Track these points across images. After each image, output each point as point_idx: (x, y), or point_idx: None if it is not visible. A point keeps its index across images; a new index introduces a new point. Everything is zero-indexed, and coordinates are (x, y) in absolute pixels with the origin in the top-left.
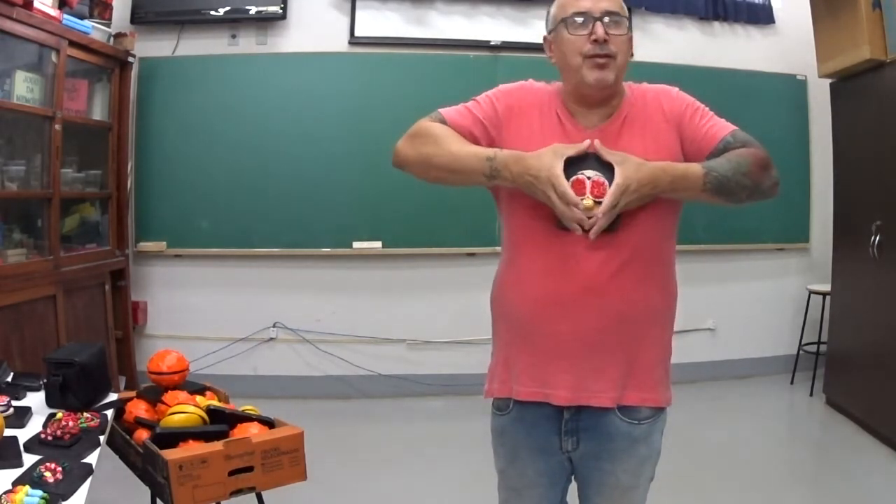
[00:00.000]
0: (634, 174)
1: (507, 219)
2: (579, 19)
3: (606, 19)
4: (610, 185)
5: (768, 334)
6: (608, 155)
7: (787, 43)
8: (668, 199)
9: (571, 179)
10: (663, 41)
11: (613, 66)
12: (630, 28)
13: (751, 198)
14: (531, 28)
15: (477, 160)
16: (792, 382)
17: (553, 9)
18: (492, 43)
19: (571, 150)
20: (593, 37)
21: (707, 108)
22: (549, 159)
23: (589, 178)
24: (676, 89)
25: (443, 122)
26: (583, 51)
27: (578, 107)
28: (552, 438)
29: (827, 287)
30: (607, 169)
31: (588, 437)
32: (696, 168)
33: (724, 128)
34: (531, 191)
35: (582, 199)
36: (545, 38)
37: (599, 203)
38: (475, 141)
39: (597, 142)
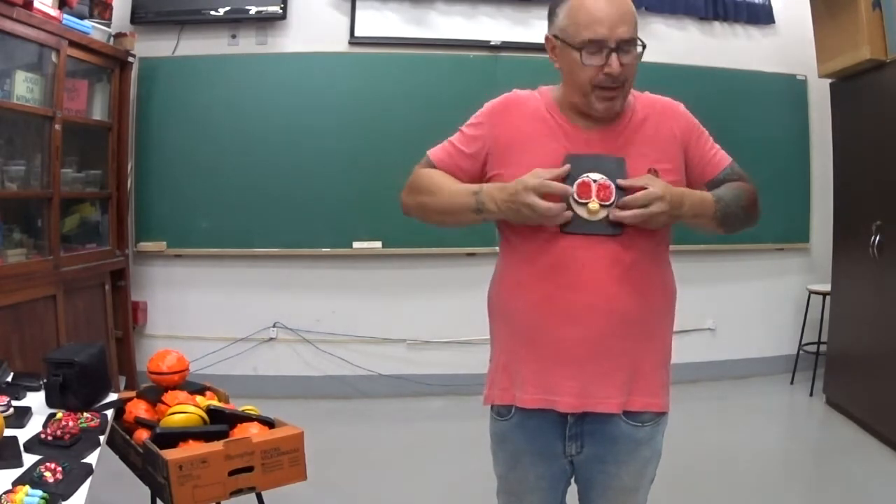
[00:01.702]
0: (667, 190)
1: (506, 224)
2: (594, 48)
3: (620, 50)
4: (616, 188)
5: (768, 334)
6: (636, 182)
7: (787, 43)
8: None
9: (577, 182)
10: (663, 41)
11: (622, 94)
12: (643, 45)
13: (740, 229)
14: (531, 28)
15: (464, 197)
16: (792, 382)
17: (563, 16)
18: (492, 43)
19: (548, 174)
20: (607, 69)
21: (707, 132)
22: (525, 178)
23: (595, 181)
24: (682, 106)
25: (432, 164)
26: (594, 80)
27: (578, 115)
28: (555, 443)
29: (827, 287)
30: (614, 172)
31: (592, 441)
32: (708, 196)
33: (725, 157)
34: (517, 215)
35: (587, 203)
36: (547, 38)
37: (605, 206)
38: (466, 173)
39: (623, 181)
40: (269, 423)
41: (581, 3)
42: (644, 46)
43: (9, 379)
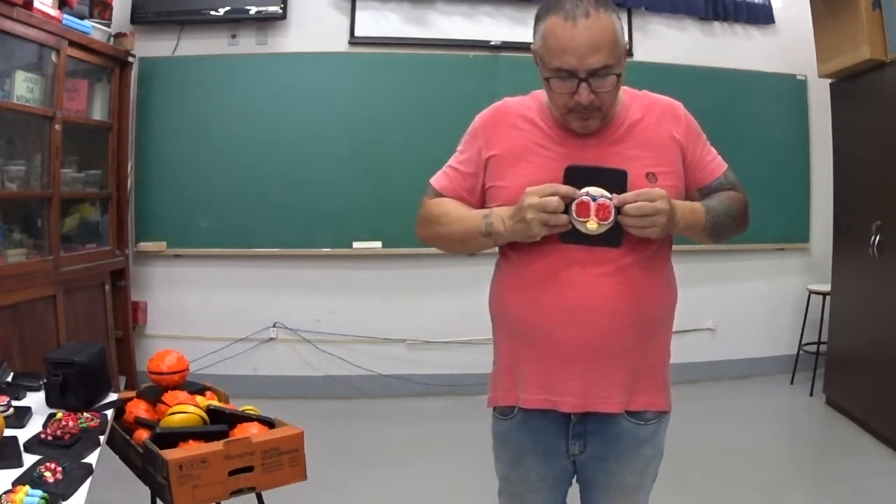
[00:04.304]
0: (666, 201)
1: None
2: (563, 76)
3: (592, 79)
4: (615, 207)
5: (768, 334)
6: (633, 195)
7: (787, 43)
8: None
9: (576, 201)
10: (663, 41)
11: (598, 115)
12: (623, 57)
13: (726, 238)
14: (531, 28)
15: (474, 221)
16: (792, 382)
17: (539, 36)
18: (492, 43)
19: (542, 190)
20: (577, 98)
21: (705, 137)
22: (523, 199)
23: (595, 199)
24: (682, 107)
25: (437, 193)
26: (567, 105)
27: None
28: (558, 443)
29: (827, 287)
30: (614, 186)
31: (595, 440)
32: (699, 207)
33: (720, 165)
34: (524, 231)
35: (585, 222)
36: (532, 49)
37: (604, 225)
38: (472, 193)
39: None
40: (269, 423)
41: (553, 29)
42: (619, 76)
43: (9, 379)
